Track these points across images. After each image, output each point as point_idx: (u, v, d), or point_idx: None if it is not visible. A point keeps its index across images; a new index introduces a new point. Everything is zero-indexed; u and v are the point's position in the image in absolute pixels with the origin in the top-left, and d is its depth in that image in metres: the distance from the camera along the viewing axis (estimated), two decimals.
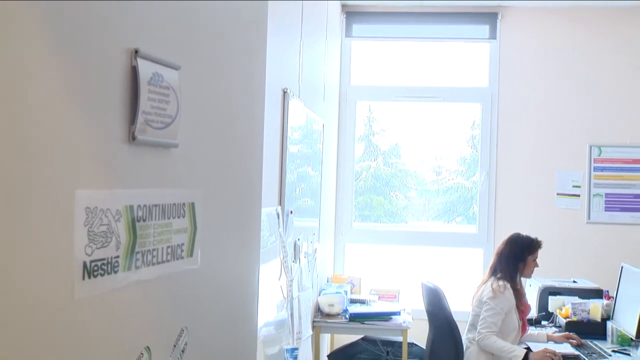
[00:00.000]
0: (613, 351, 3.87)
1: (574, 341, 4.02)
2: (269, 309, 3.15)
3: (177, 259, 1.48)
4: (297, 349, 3.43)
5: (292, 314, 3.57)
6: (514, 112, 5.67)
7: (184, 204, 1.51)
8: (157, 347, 1.41)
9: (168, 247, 1.45)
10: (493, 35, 5.67)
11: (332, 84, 5.36)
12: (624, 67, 5.57)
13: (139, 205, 1.33)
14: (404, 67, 5.86)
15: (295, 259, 3.75)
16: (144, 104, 1.31)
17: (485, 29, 5.69)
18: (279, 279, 3.35)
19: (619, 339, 4.03)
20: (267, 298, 3.14)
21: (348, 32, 5.78)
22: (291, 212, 3.64)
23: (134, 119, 1.29)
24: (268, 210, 3.20)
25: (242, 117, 1.91)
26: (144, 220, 1.35)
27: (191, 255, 1.55)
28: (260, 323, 2.96)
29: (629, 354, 3.82)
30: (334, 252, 5.72)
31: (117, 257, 1.26)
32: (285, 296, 3.43)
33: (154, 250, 1.39)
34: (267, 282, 3.16)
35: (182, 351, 1.51)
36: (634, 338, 3.85)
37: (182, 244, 1.51)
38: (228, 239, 1.80)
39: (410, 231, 5.96)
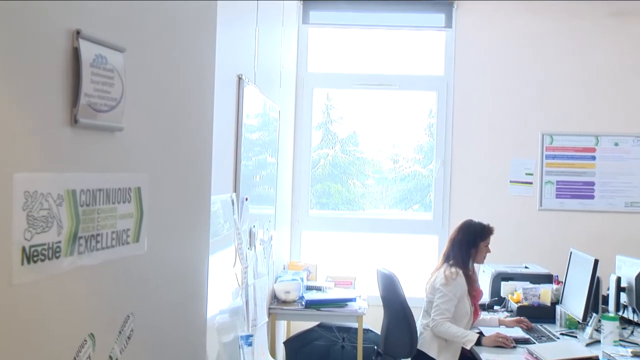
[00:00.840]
0: (561, 334, 3.97)
1: (525, 325, 4.10)
2: (223, 296, 3.13)
3: (123, 244, 1.46)
4: (252, 335, 3.42)
5: (247, 301, 3.56)
6: (469, 100, 5.73)
7: (129, 188, 1.49)
8: (102, 333, 1.39)
9: (113, 232, 1.43)
10: (449, 24, 5.72)
11: (288, 71, 5.34)
12: (576, 57, 5.68)
13: (82, 190, 1.31)
14: (361, 55, 5.87)
15: (250, 246, 3.74)
16: (86, 86, 1.29)
17: (441, 17, 5.73)
18: (234, 266, 3.34)
19: (567, 322, 4.13)
20: (222, 285, 3.12)
21: (305, 19, 5.77)
22: (246, 199, 3.63)
23: (76, 102, 1.27)
24: (223, 197, 3.18)
25: (191, 102, 1.88)
26: (88, 205, 1.33)
27: (137, 240, 1.53)
28: (214, 310, 2.95)
29: (575, 337, 3.92)
30: (290, 240, 5.72)
31: (59, 242, 1.23)
32: (240, 283, 3.42)
33: (98, 235, 1.37)
34: (221, 269, 3.14)
35: (128, 337, 1.49)
36: (580, 321, 3.95)
37: (128, 230, 1.49)
38: (176, 225, 1.78)
39: (366, 218, 6.00)
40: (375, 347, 4.07)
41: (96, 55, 1.32)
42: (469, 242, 4.03)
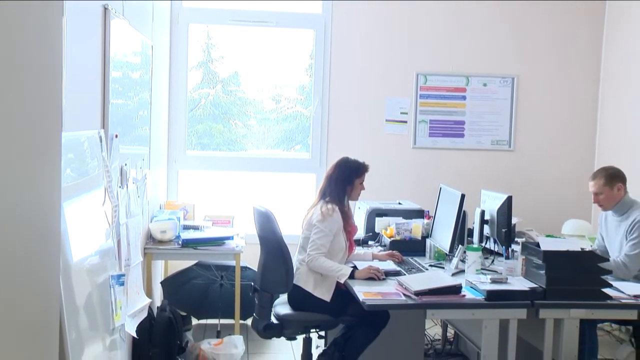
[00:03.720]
0: (430, 265, 4.16)
1: (397, 258, 4.25)
2: (94, 237, 3.03)
3: None
4: (123, 275, 3.35)
5: (119, 241, 3.48)
6: (346, 39, 5.77)
7: None
8: None
9: None
10: None
11: (161, 4, 5.13)
12: (450, 1, 5.82)
13: None
14: None
15: (122, 185, 3.63)
16: None
17: None
18: (103, 205, 3.23)
19: (436, 255, 4.33)
20: (92, 226, 3.02)
21: None
22: (116, 136, 3.50)
23: None
24: (89, 133, 3.05)
25: (34, 30, 1.76)
26: None
27: None
28: (84, 252, 2.85)
29: (443, 267, 4.12)
30: (167, 179, 5.62)
31: None
32: (111, 223, 3.32)
33: None
34: (91, 209, 3.03)
35: None
36: (447, 253, 4.16)
37: None
38: (21, 159, 1.67)
39: (244, 157, 5.99)
40: (252, 284, 4.10)
41: None
42: (345, 179, 4.09)
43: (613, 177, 4.18)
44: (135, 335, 3.54)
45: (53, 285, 1.94)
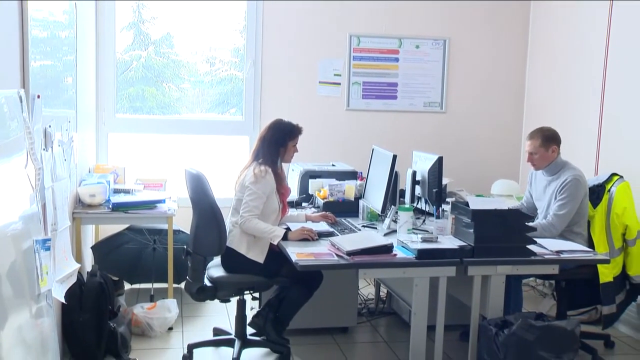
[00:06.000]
0: (363, 226, 4.20)
1: (330, 219, 4.28)
2: (16, 202, 2.93)
3: None
4: (49, 239, 3.26)
5: (44, 205, 3.37)
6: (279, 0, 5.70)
7: None
8: None
9: None
10: None
11: None
12: None
13: None
14: None
15: (46, 147, 3.51)
16: None
17: None
18: (26, 168, 3.12)
19: (369, 215, 4.38)
20: (13, 190, 2.91)
21: None
22: (38, 97, 3.37)
23: None
24: (7, 92, 2.92)
25: None
26: None
27: None
28: (6, 218, 2.74)
29: (375, 228, 4.18)
30: (96, 142, 5.47)
31: None
32: (35, 186, 3.21)
33: None
34: (14, 174, 2.92)
35: None
36: (380, 213, 4.21)
37: None
38: None
39: (176, 119, 5.89)
40: (185, 247, 4.07)
41: None
42: (278, 141, 4.07)
43: (549, 139, 4.28)
44: (63, 301, 3.46)
45: None
